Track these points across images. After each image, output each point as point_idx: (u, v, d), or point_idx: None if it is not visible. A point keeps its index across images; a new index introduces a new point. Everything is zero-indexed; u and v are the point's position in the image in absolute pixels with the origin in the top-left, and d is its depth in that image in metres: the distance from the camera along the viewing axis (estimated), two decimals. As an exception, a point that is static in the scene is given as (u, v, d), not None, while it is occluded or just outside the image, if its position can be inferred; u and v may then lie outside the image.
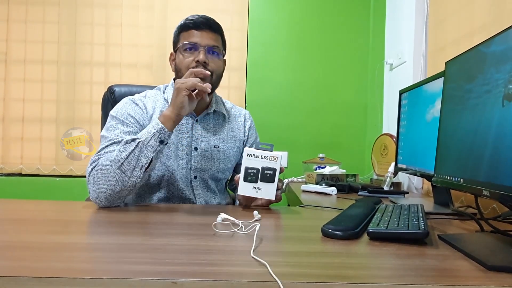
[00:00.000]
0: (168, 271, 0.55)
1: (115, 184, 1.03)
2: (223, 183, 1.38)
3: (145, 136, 1.05)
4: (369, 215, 0.94)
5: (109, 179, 1.03)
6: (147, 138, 1.04)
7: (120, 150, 1.04)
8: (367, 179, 2.13)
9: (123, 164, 1.03)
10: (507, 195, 0.65)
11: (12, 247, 0.67)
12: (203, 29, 1.22)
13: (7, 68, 2.47)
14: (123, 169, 1.03)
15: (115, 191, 1.04)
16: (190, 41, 1.21)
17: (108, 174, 1.03)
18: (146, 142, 1.04)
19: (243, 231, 0.80)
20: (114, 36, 2.49)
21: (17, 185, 2.48)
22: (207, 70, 1.19)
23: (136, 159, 1.03)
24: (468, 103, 0.82)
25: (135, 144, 1.04)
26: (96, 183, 1.04)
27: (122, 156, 1.03)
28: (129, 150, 1.03)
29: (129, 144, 1.04)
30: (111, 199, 1.05)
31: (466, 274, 0.59)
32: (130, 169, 1.03)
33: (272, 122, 2.51)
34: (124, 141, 1.05)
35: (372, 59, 2.53)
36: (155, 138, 1.05)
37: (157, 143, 1.05)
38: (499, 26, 0.75)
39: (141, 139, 1.04)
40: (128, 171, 1.03)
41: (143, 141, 1.04)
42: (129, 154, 1.03)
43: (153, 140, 1.05)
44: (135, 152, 1.03)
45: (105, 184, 1.03)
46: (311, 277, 0.54)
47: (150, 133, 1.05)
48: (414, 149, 1.38)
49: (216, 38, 1.24)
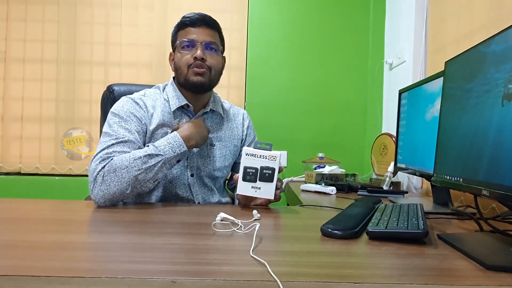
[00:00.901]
0: (167, 270, 0.55)
1: (125, 189, 1.05)
2: (221, 182, 1.38)
3: (169, 154, 1.09)
4: (368, 214, 0.94)
5: (121, 183, 1.04)
6: (170, 157, 1.10)
7: (143, 161, 1.06)
8: (367, 178, 2.13)
9: (141, 174, 1.06)
10: (507, 195, 0.65)
11: (11, 246, 0.67)
12: (199, 26, 1.23)
13: (6, 67, 2.47)
14: (140, 178, 1.06)
15: (123, 194, 1.06)
16: (188, 38, 1.22)
17: (122, 178, 1.04)
18: (168, 160, 1.09)
19: (243, 231, 0.80)
20: (113, 35, 2.48)
21: (16, 184, 2.47)
22: (205, 65, 1.21)
23: (155, 172, 1.08)
24: (468, 103, 0.82)
25: (159, 159, 1.08)
26: (105, 182, 1.04)
27: (143, 167, 1.06)
28: (151, 163, 1.07)
29: (153, 158, 1.07)
30: (114, 200, 1.07)
31: (465, 273, 0.59)
32: (146, 179, 1.07)
33: (271, 121, 2.51)
34: (148, 153, 1.07)
35: (371, 59, 2.53)
36: (177, 158, 1.12)
37: (176, 162, 1.13)
38: (499, 26, 0.75)
39: (164, 156, 1.08)
40: (143, 181, 1.07)
41: (166, 158, 1.09)
42: (150, 167, 1.07)
43: (175, 159, 1.11)
44: (156, 166, 1.07)
45: (116, 187, 1.04)
46: (310, 277, 0.54)
47: (175, 153, 1.10)
48: (414, 148, 1.38)
49: (213, 34, 1.25)
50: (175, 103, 1.25)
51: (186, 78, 1.22)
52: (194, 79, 1.21)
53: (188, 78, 1.22)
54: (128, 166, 1.05)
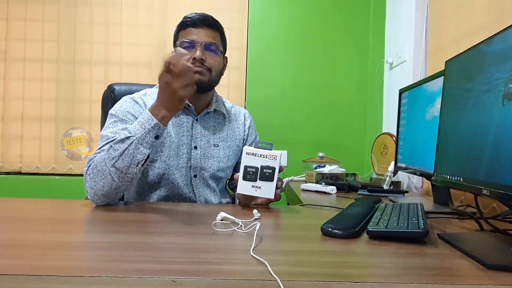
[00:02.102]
0: (167, 270, 0.55)
1: (111, 181, 1.02)
2: (223, 182, 1.38)
3: (139, 133, 1.02)
4: (368, 214, 0.94)
5: (104, 176, 1.02)
6: (142, 135, 1.02)
7: (114, 148, 1.02)
8: (367, 178, 2.13)
9: (117, 162, 1.01)
10: (507, 194, 0.65)
11: (11, 246, 0.67)
12: (200, 27, 1.23)
13: (6, 66, 2.47)
14: (117, 166, 1.01)
15: (111, 188, 1.03)
16: (188, 39, 1.22)
17: (103, 171, 1.02)
18: (141, 139, 1.02)
19: (243, 230, 0.80)
20: (113, 34, 2.48)
21: (16, 184, 2.47)
22: (205, 66, 1.20)
23: (131, 156, 1.01)
24: (468, 102, 0.82)
25: (130, 142, 1.01)
26: (92, 180, 1.04)
27: (116, 153, 1.01)
28: (122, 148, 1.01)
29: (123, 141, 1.02)
30: (108, 195, 1.04)
31: (465, 273, 0.59)
32: (125, 166, 1.01)
33: (272, 121, 2.51)
34: (117, 139, 1.02)
35: (372, 58, 2.53)
36: (151, 134, 1.02)
37: (153, 139, 1.03)
38: (499, 25, 0.75)
39: (135, 136, 1.02)
40: (123, 168, 1.01)
41: (137, 138, 1.02)
42: (123, 152, 1.01)
43: (148, 136, 1.02)
44: (129, 150, 1.01)
45: (101, 181, 1.03)
46: (310, 276, 0.54)
47: (145, 129, 1.02)
48: (414, 148, 1.38)
49: (214, 35, 1.25)
50: (175, 102, 1.25)
51: None
52: None
53: None
54: (105, 158, 1.02)
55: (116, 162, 1.01)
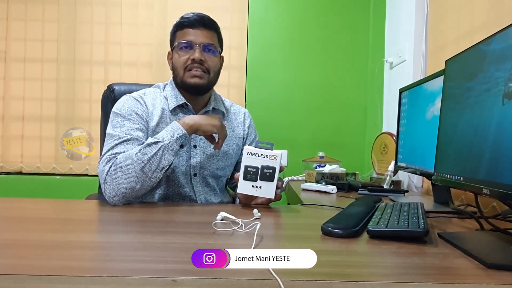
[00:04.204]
0: (168, 269, 0.55)
1: (135, 184, 1.06)
2: (223, 181, 1.38)
3: (167, 140, 1.08)
4: (369, 213, 0.93)
5: (129, 179, 1.06)
6: (170, 142, 1.09)
7: (143, 152, 1.07)
8: (367, 177, 2.13)
9: (146, 166, 1.06)
10: (507, 193, 0.65)
11: (12, 245, 0.67)
12: (197, 27, 1.23)
13: (6, 66, 2.47)
14: (145, 170, 1.06)
15: (134, 190, 1.07)
16: (185, 40, 1.22)
17: (129, 174, 1.05)
18: (168, 146, 1.08)
19: (243, 230, 0.80)
20: (113, 34, 2.48)
21: (17, 184, 2.48)
22: (204, 67, 1.21)
23: (158, 161, 1.07)
24: (468, 102, 0.82)
25: (158, 147, 1.07)
26: (115, 181, 1.06)
27: (145, 158, 1.06)
28: (151, 152, 1.06)
29: (151, 146, 1.07)
30: (128, 196, 1.08)
31: (466, 272, 0.59)
32: (151, 170, 1.07)
33: (272, 120, 2.51)
34: (146, 143, 1.08)
35: (372, 58, 2.53)
36: (177, 142, 1.10)
37: (178, 147, 1.11)
38: (499, 25, 0.75)
39: (163, 143, 1.08)
40: (149, 172, 1.07)
41: (165, 144, 1.08)
42: (151, 157, 1.06)
43: (175, 144, 1.10)
44: (157, 155, 1.07)
45: (125, 183, 1.06)
46: (311, 276, 0.54)
47: (173, 137, 1.09)
48: (414, 147, 1.38)
49: (212, 35, 1.25)
50: (173, 102, 1.26)
51: (183, 80, 1.23)
52: (191, 81, 1.22)
53: (185, 80, 1.23)
54: (132, 161, 1.06)
55: (144, 166, 1.06)
